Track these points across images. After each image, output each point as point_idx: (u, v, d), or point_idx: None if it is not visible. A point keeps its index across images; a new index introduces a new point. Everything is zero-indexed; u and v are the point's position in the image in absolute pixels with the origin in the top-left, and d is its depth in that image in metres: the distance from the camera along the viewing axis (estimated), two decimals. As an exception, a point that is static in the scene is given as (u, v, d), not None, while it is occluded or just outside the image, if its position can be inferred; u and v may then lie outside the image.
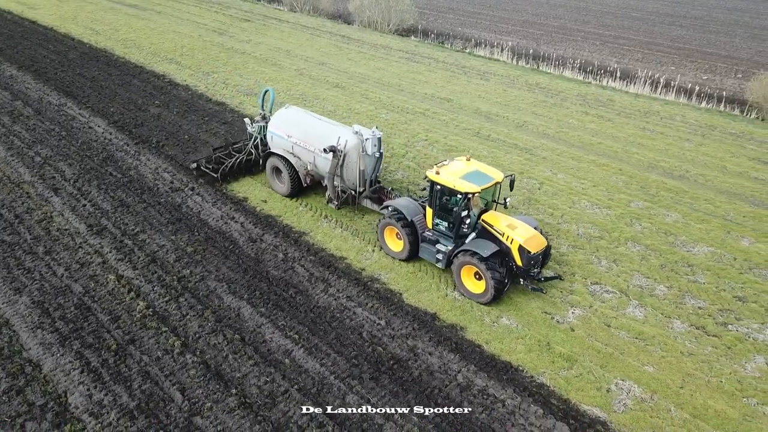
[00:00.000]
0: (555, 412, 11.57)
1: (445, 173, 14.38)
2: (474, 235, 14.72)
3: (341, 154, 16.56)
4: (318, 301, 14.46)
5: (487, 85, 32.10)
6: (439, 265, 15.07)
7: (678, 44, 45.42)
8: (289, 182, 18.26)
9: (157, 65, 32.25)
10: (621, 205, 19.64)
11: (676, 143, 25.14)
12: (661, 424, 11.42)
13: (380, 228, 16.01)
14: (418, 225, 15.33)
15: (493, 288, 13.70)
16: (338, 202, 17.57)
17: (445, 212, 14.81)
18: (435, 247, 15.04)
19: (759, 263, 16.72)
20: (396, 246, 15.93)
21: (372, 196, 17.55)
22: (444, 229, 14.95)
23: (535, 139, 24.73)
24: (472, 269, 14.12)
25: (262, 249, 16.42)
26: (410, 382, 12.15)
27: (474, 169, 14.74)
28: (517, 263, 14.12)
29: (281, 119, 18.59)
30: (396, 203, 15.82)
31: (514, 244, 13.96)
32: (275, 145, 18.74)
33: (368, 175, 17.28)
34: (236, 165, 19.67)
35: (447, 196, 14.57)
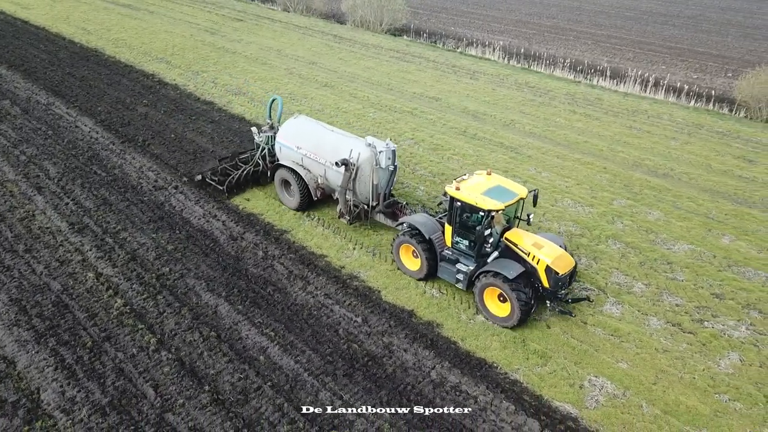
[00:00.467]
0: (527, 408, 11.60)
1: (466, 189, 13.60)
2: (496, 254, 13.81)
3: (354, 167, 15.84)
4: (296, 298, 14.49)
5: (476, 85, 32.14)
6: (459, 285, 14.21)
7: (670, 43, 45.46)
8: (299, 196, 17.53)
9: (147, 65, 32.27)
10: (604, 203, 19.68)
11: (662, 142, 25.18)
12: (632, 420, 11.45)
13: (395, 245, 15.19)
14: (436, 243, 14.49)
15: (520, 311, 12.88)
16: (350, 217, 16.91)
17: (465, 230, 13.94)
18: (455, 266, 14.15)
19: (738, 261, 16.76)
20: (412, 265, 15.12)
21: (386, 211, 16.79)
22: (464, 247, 14.12)
23: (521, 138, 24.76)
24: (496, 291, 13.30)
25: (242, 247, 16.45)
26: (384, 379, 12.19)
27: (496, 184, 13.95)
28: (543, 284, 13.30)
29: (290, 130, 17.87)
30: (412, 220, 15.02)
31: (540, 264, 13.15)
32: (284, 157, 18.04)
33: (382, 189, 16.50)
34: (243, 177, 18.93)
35: (468, 213, 13.71)
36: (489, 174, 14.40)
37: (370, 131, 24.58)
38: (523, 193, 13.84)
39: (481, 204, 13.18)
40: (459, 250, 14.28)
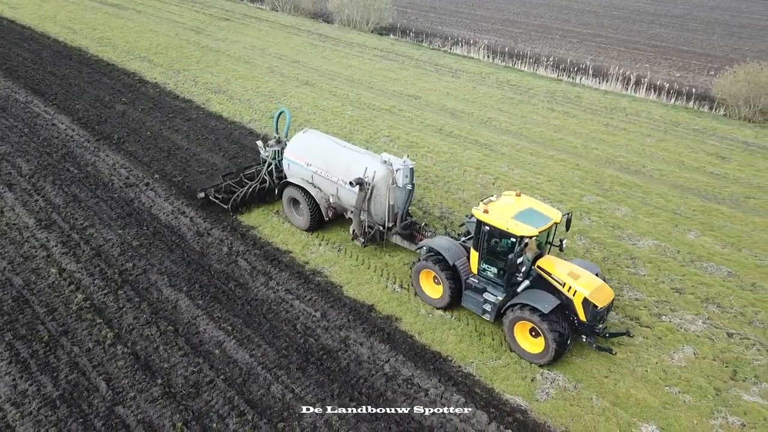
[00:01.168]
0: (477, 401, 11.66)
1: (495, 212, 12.47)
2: (527, 283, 12.73)
3: (368, 186, 14.85)
4: (257, 293, 14.54)
5: (456, 83, 32.21)
6: (486, 317, 13.13)
7: (655, 42, 45.57)
8: (309, 215, 16.42)
9: (129, 63, 32.30)
10: (573, 199, 19.75)
11: (638, 139, 25.26)
12: (580, 412, 11.51)
13: (415, 271, 14.13)
14: (461, 270, 13.37)
15: (555, 349, 11.86)
16: (365, 239, 15.72)
17: (494, 257, 12.78)
18: (482, 296, 13.06)
19: (702, 256, 16.84)
20: (434, 292, 14.05)
21: (403, 233, 15.62)
22: (493, 275, 12.96)
23: (496, 136, 24.83)
24: (528, 325, 12.29)
25: (208, 243, 16.50)
26: (337, 372, 12.24)
27: (527, 206, 12.87)
28: (580, 318, 12.27)
29: (299, 145, 16.79)
30: (434, 244, 13.92)
31: (577, 296, 12.08)
32: (292, 174, 16.94)
33: (398, 209, 15.35)
34: (249, 194, 17.75)
35: (497, 239, 12.58)
36: (518, 195, 13.32)
37: (346, 129, 24.66)
38: (557, 217, 12.72)
39: (513, 229, 12.00)
40: (486, 278, 13.11)
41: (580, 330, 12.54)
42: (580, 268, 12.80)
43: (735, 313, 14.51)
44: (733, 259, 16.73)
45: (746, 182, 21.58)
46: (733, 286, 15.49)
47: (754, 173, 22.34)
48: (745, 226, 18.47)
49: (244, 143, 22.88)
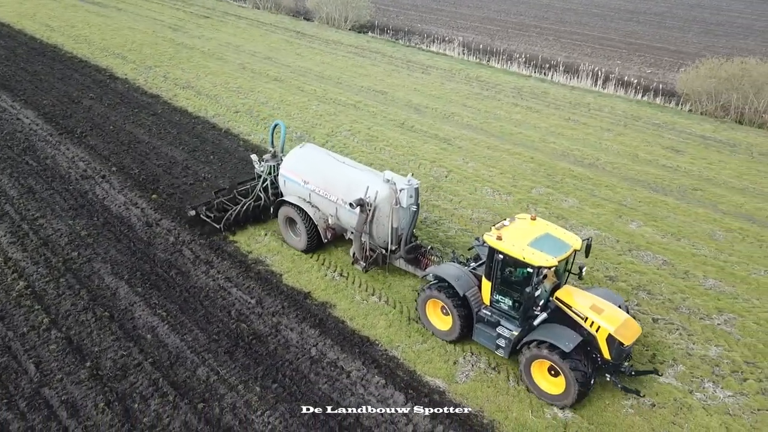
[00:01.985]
0: (397, 383, 11.93)
1: (509, 239, 11.40)
2: (545, 315, 11.54)
3: (370, 208, 13.84)
4: (197, 281, 14.80)
5: (426, 79, 32.46)
6: (500, 353, 12.01)
7: (630, 39, 45.85)
8: (306, 237, 15.44)
9: (102, 60, 32.50)
10: (522, 191, 20.02)
11: (596, 133, 25.55)
12: (495, 393, 11.80)
13: (421, 300, 13.06)
14: (472, 301, 12.29)
15: (578, 390, 10.79)
16: (366, 263, 14.62)
17: (508, 287, 11.77)
18: (495, 330, 11.94)
19: (640, 245, 17.13)
20: (442, 324, 12.97)
21: (407, 256, 14.50)
22: (507, 308, 11.92)
23: (456, 130, 25.10)
24: (546, 363, 11.22)
25: (155, 233, 16.75)
26: (264, 356, 12.51)
27: (544, 232, 11.77)
28: (603, 356, 11.17)
29: (295, 161, 15.70)
30: (442, 271, 12.79)
31: (601, 332, 10.98)
32: (289, 192, 15.87)
33: (402, 231, 14.27)
34: (242, 212, 16.68)
35: (512, 268, 11.56)
36: (534, 219, 12.23)
37: (309, 123, 24.91)
38: (577, 244, 11.55)
39: (530, 259, 10.88)
40: (500, 310, 12.08)
41: (604, 368, 11.40)
42: (603, 299, 11.67)
43: (663, 299, 14.80)
44: (670, 249, 17.02)
45: (696, 175, 21.88)
46: (666, 274, 15.78)
47: (705, 166, 22.65)
48: (688, 217, 18.76)
49: (205, 137, 23.13)
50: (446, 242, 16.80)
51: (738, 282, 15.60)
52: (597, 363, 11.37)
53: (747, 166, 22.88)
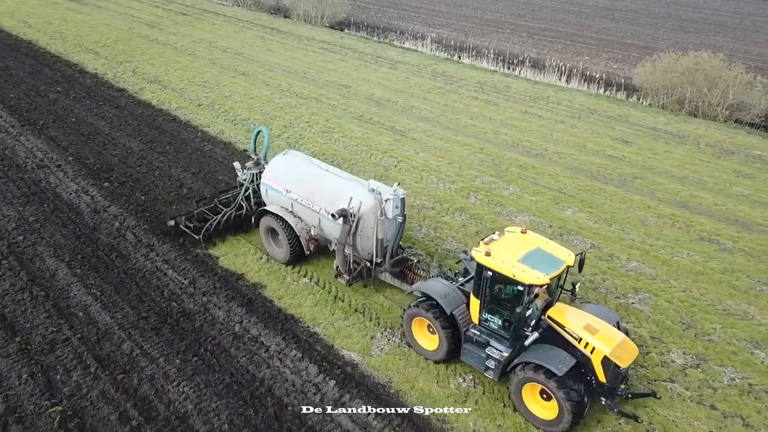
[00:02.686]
0: (313, 356, 12.43)
1: (498, 254, 10.69)
2: (536, 335, 10.83)
3: (354, 219, 13.19)
4: (135, 264, 15.28)
5: (392, 74, 32.95)
6: (489, 375, 11.34)
7: (602, 36, 46.39)
8: (288, 248, 14.77)
9: (74, 55, 32.93)
10: (467, 180, 20.53)
11: (549, 125, 26.06)
12: (405, 365, 12.31)
13: (407, 318, 12.33)
14: (459, 320, 11.58)
15: (571, 414, 10.09)
16: (350, 276, 14.02)
17: (498, 306, 11.10)
18: (484, 350, 11.26)
19: (571, 230, 17.65)
20: (429, 343, 12.26)
21: (393, 270, 13.80)
22: (496, 327, 11.24)
23: (413, 122, 25.59)
24: (538, 387, 10.58)
25: (102, 219, 17.22)
26: (189, 332, 13.00)
27: (534, 247, 11.11)
28: (599, 379, 10.49)
29: (278, 169, 15.10)
30: (428, 288, 12.06)
31: (596, 354, 10.30)
32: (270, 201, 15.33)
33: (388, 243, 13.63)
34: (223, 222, 16.05)
35: (501, 285, 10.89)
36: (524, 232, 11.61)
37: (269, 115, 25.39)
38: (570, 259, 10.92)
39: (521, 277, 10.20)
40: (489, 329, 11.40)
41: (599, 392, 10.73)
42: (597, 318, 10.98)
43: (584, 280, 15.30)
44: (600, 233, 17.55)
45: (640, 164, 22.41)
46: (591, 257, 16.29)
47: (650, 156, 23.18)
48: (623, 204, 19.29)
49: (164, 129, 23.60)
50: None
51: (660, 264, 16.14)
52: (592, 386, 10.65)
53: (691, 156, 23.43)
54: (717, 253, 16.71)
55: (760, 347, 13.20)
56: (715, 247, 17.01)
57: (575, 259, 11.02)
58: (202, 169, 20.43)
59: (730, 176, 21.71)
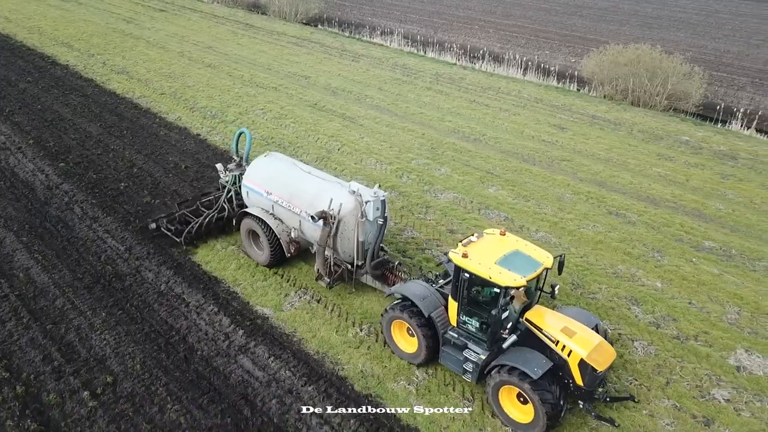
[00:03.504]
0: (228, 311, 13.65)
1: (476, 257, 10.61)
2: (514, 338, 10.86)
3: (334, 221, 13.06)
4: (78, 233, 16.47)
5: (354, 66, 34.14)
6: (467, 377, 11.27)
7: (566, 32, 47.61)
8: (269, 250, 14.64)
9: (49, 48, 34.04)
10: (403, 162, 21.74)
11: (493, 113, 27.29)
12: (311, 318, 13.53)
13: (386, 321, 12.25)
14: (438, 322, 11.48)
15: (546, 417, 10.01)
16: (330, 279, 13.80)
17: (476, 308, 11.05)
18: (462, 353, 11.23)
19: (490, 205, 18.88)
20: (408, 345, 12.18)
21: (374, 272, 13.71)
22: (474, 330, 11.19)
23: (364, 110, 26.80)
24: (515, 390, 10.45)
25: (53, 194, 18.40)
26: (118, 290, 14.21)
27: (513, 249, 11.05)
28: (576, 382, 10.44)
29: (259, 171, 14.96)
30: (407, 290, 11.97)
31: (572, 357, 10.25)
32: (252, 203, 15.22)
33: (369, 245, 13.54)
34: (205, 225, 15.90)
35: (478, 287, 10.93)
36: (503, 234, 11.53)
37: (226, 102, 26.56)
38: (548, 261, 10.88)
39: (497, 279, 10.20)
40: (467, 332, 11.37)
41: (577, 395, 10.71)
42: (576, 321, 10.93)
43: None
44: (516, 208, 18.78)
45: (570, 148, 23.66)
46: (503, 228, 17.48)
47: (582, 141, 24.43)
48: (544, 183, 20.52)
49: (124, 115, 24.77)
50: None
51: (565, 234, 17.39)
52: (569, 389, 10.61)
53: (621, 141, 24.69)
54: (620, 225, 17.97)
55: (637, 304, 14.45)
56: (620, 221, 18.27)
57: (553, 261, 10.99)
58: (154, 151, 21.61)
59: (652, 159, 22.97)
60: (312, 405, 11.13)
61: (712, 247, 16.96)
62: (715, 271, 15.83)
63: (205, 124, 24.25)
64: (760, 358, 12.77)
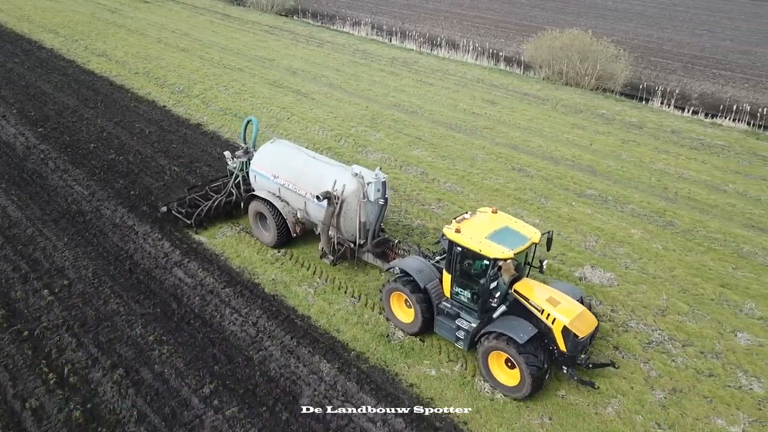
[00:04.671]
0: (171, 238, 16.20)
1: (468, 231, 11.40)
2: (504, 308, 11.57)
3: (337, 201, 13.80)
4: (50, 182, 19.02)
5: (317, 51, 36.67)
6: (459, 345, 11.99)
7: (524, 22, 50.15)
8: (276, 231, 15.38)
9: (36, 34, 36.49)
10: (344, 129, 24.32)
11: (435, 91, 29.87)
12: (237, 243, 16.12)
13: (385, 293, 12.99)
14: (432, 293, 12.23)
15: (531, 381, 10.75)
16: (334, 257, 14.66)
17: (467, 280, 11.77)
18: (455, 322, 11.91)
19: (411, 163, 21.47)
20: (405, 316, 12.89)
21: (375, 250, 14.44)
22: (466, 300, 11.93)
23: (318, 88, 29.36)
24: (503, 355, 11.19)
25: (31, 153, 20.93)
26: (80, 223, 16.77)
27: (503, 225, 11.79)
28: (559, 348, 11.13)
29: (266, 156, 15.72)
30: (405, 264, 12.80)
31: (556, 324, 10.93)
32: (259, 187, 15.96)
33: (370, 225, 14.29)
34: (214, 209, 16.59)
35: (470, 261, 11.57)
36: (495, 212, 12.26)
37: (193, 80, 29.07)
38: (536, 237, 11.56)
39: (486, 251, 10.96)
40: (459, 302, 12.09)
41: (560, 361, 11.35)
42: (561, 293, 11.65)
43: (402, 193, 19.14)
44: (433, 165, 21.38)
45: (495, 119, 26.27)
46: (417, 180, 20.13)
47: (508, 114, 27.03)
48: (463, 146, 23.13)
49: (100, 90, 27.30)
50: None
51: (469, 185, 20.01)
52: (554, 356, 11.28)
53: (543, 114, 27.31)
54: (519, 178, 20.61)
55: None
56: (520, 175, 20.91)
57: (542, 237, 11.69)
58: (123, 119, 24.16)
59: (566, 128, 25.61)
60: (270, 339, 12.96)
61: (592, 194, 19.63)
62: (588, 212, 18.51)
63: (172, 98, 26.80)
64: (601, 272, 15.45)
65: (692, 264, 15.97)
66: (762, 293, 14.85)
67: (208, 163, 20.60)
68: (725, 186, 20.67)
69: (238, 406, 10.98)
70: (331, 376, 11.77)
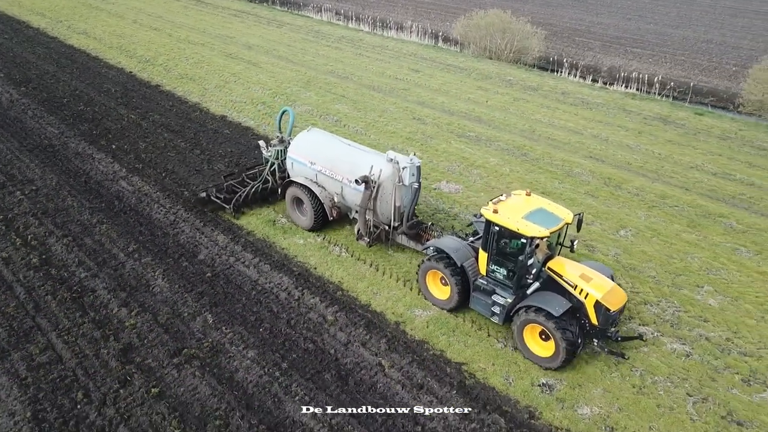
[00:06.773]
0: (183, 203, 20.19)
1: (505, 212, 11.79)
2: (537, 285, 12.06)
3: (374, 185, 14.15)
4: (27, 125, 22.91)
5: (276, 31, 40.49)
6: (495, 320, 12.42)
7: (475, 9, 53.87)
8: (313, 215, 15.81)
9: (26, 16, 40.22)
10: (281, 89, 28.19)
11: (370, 62, 33.73)
12: (173, 165, 20.10)
13: (422, 271, 13.44)
14: (469, 271, 12.68)
15: (565, 352, 11.14)
16: (369, 239, 15.10)
17: (503, 258, 12.10)
18: (491, 298, 12.35)
19: (330, 113, 25.38)
20: (441, 293, 13.33)
21: (409, 232, 14.86)
22: (502, 277, 12.27)
23: (268, 59, 33.21)
24: (537, 328, 11.57)
25: (14, 106, 24.79)
26: (50, 153, 20.69)
27: (538, 206, 12.23)
28: (591, 322, 11.57)
29: (303, 144, 16.15)
30: (441, 244, 13.22)
31: (589, 299, 11.40)
32: (296, 173, 16.26)
33: (405, 208, 14.62)
34: (251, 194, 17.21)
35: (506, 240, 11.93)
36: (528, 194, 12.71)
37: (158, 52, 32.88)
38: (569, 217, 11.99)
39: (524, 230, 11.35)
40: (495, 279, 12.43)
41: (592, 334, 11.81)
42: (593, 270, 12.12)
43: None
44: (349, 116, 25.26)
45: (414, 83, 30.14)
46: (331, 126, 24.06)
47: (427, 79, 30.92)
48: (379, 102, 27.04)
49: (77, 60, 31.13)
50: (217, 118, 25.00)
51: (374, 130, 23.91)
52: (586, 329, 11.69)
53: (457, 79, 31.21)
54: (416, 125, 24.54)
55: (396, 162, 21.01)
56: (417, 123, 24.83)
57: (573, 218, 12.05)
58: (93, 82, 28.00)
59: (471, 90, 29.55)
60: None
61: (470, 136, 23.62)
62: (462, 147, 22.49)
63: (138, 66, 30.63)
64: (453, 185, 19.46)
65: (527, 180, 20.01)
66: (570, 196, 18.92)
67: (160, 113, 24.51)
68: (584, 131, 24.71)
69: (152, 257, 15.00)
70: (224, 243, 15.78)
